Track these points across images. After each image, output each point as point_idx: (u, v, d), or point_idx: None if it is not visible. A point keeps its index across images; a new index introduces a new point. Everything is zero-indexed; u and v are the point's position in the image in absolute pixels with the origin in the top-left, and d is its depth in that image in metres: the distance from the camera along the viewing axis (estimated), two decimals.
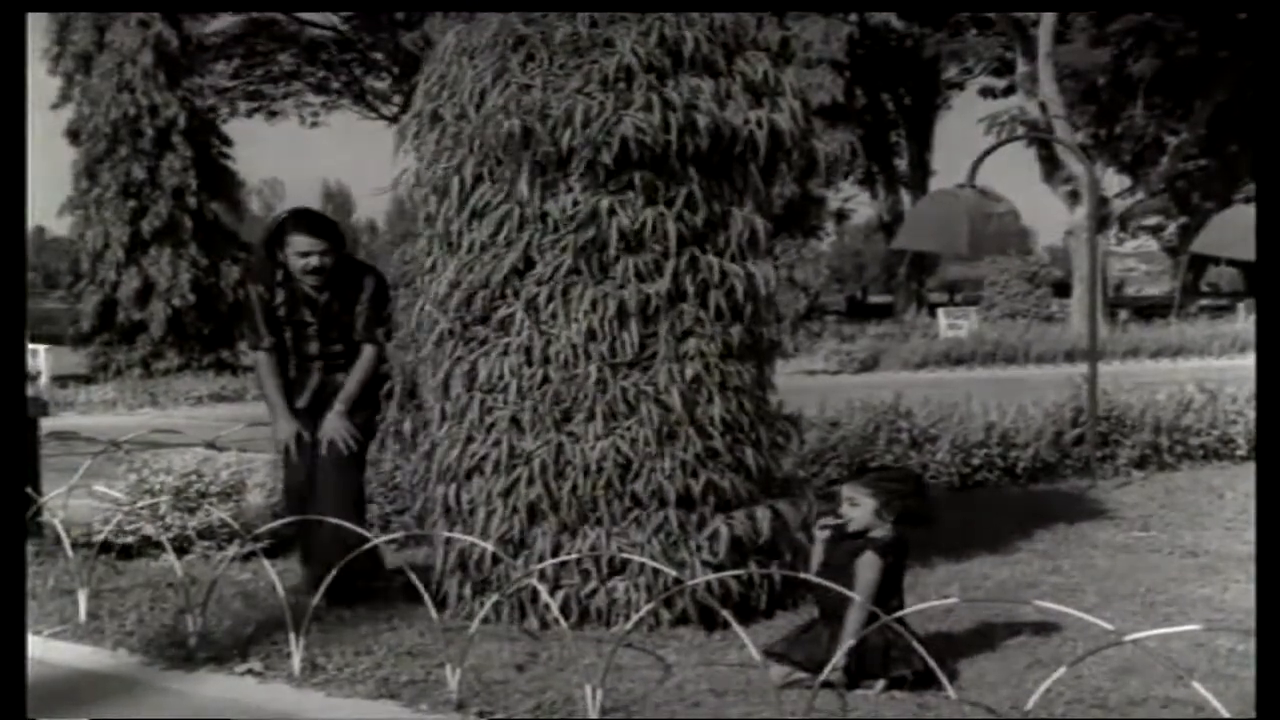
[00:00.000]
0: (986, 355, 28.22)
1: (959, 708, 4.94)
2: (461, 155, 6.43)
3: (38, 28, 28.47)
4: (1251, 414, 11.57)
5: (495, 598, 6.05)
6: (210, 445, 9.18)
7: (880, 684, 5.24)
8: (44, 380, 24.64)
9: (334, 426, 7.03)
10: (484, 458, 6.36)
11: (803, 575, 5.40)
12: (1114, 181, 43.17)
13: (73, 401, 21.93)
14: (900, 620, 4.91)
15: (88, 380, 25.82)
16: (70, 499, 7.91)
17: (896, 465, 6.81)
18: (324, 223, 7.27)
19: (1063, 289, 40.98)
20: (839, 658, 4.97)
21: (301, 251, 7.03)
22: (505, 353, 6.34)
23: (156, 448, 8.99)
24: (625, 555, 6.09)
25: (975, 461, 10.44)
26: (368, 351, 7.14)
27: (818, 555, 5.60)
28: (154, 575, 7.55)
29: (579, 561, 6.20)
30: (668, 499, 6.21)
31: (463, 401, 6.44)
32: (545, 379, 6.27)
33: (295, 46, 50.24)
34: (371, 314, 7.17)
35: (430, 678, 5.50)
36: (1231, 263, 43.88)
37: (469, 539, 6.26)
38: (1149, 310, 42.90)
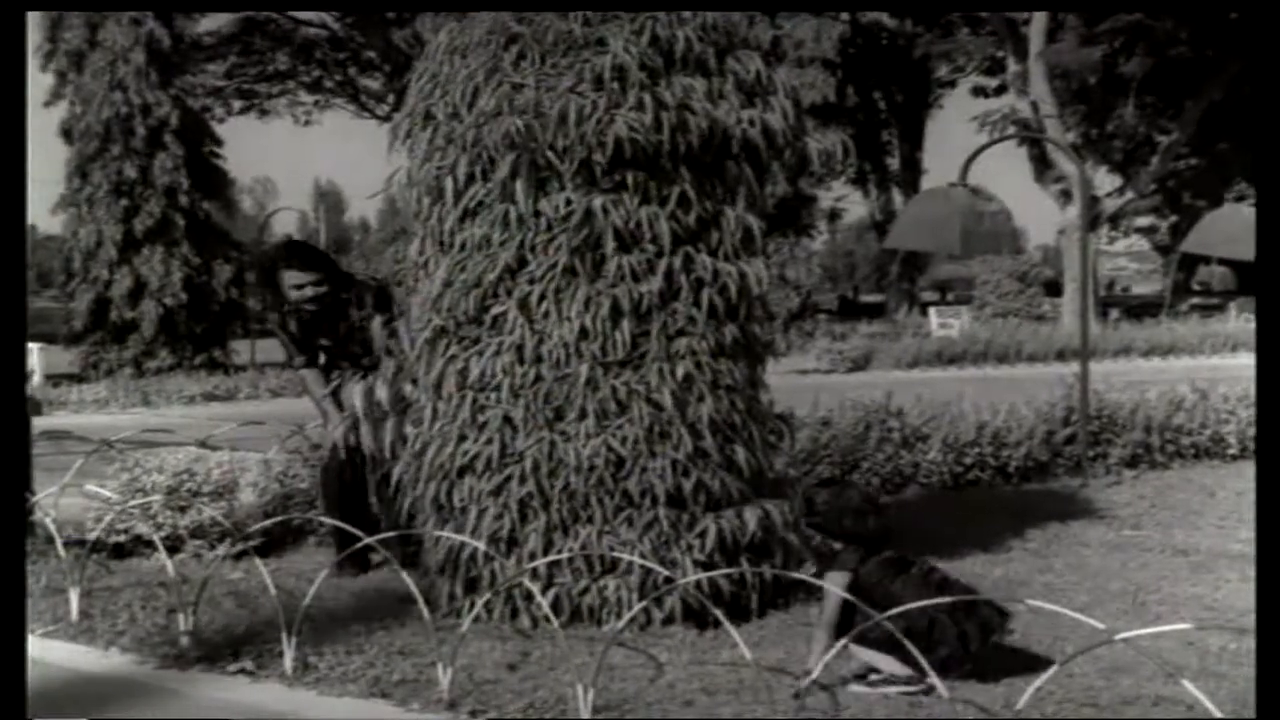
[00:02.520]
0: (978, 354, 28.22)
1: (951, 706, 4.95)
2: (454, 154, 6.43)
3: (31, 25, 28.42)
4: (1243, 413, 11.60)
5: (487, 596, 6.05)
6: (202, 444, 9.18)
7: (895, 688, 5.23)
8: (36, 379, 24.63)
9: (364, 438, 7.45)
10: (476, 456, 6.36)
11: (796, 575, 5.41)
12: (1105, 181, 43.20)
13: (65, 400, 21.88)
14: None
15: (80, 379, 25.78)
16: (62, 498, 7.91)
17: (837, 480, 6.55)
18: (313, 254, 7.89)
19: (1054, 288, 41.02)
20: (818, 660, 5.00)
21: (295, 284, 7.65)
22: (498, 351, 6.35)
23: (148, 447, 8.98)
24: (616, 554, 6.10)
25: (967, 461, 10.45)
26: (384, 364, 7.48)
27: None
28: (146, 574, 7.55)
29: (570, 560, 6.20)
30: (659, 498, 6.21)
31: (455, 400, 6.44)
32: (537, 378, 6.28)
33: (289, 45, 50.18)
34: (374, 330, 7.61)
35: (422, 677, 5.50)
36: (1223, 261, 43.94)
37: (460, 537, 6.26)
38: (1140, 309, 42.96)
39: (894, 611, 4.83)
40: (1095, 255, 44.11)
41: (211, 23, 44.58)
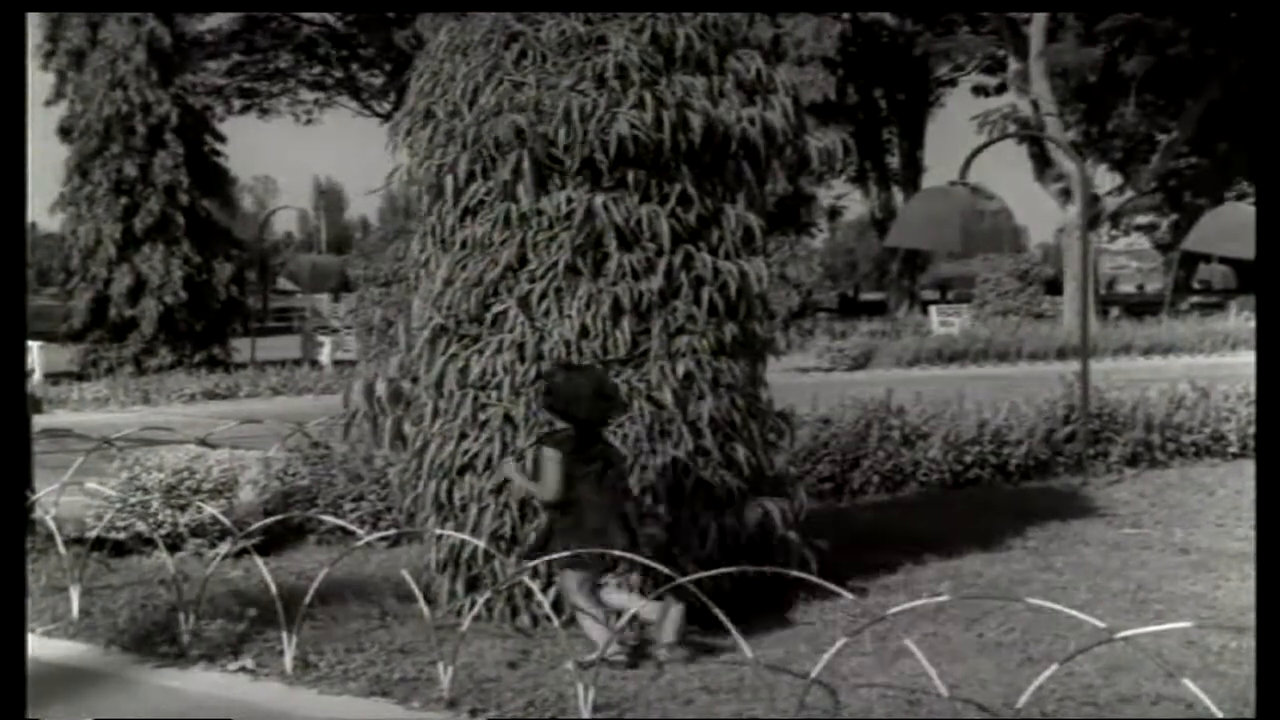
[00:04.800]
0: (979, 353, 28.18)
1: (951, 705, 4.95)
2: (455, 152, 6.43)
3: (31, 24, 28.39)
4: (1243, 411, 11.61)
5: (487, 594, 6.05)
6: (202, 442, 9.19)
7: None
8: (36, 377, 24.60)
9: None
10: (477, 454, 6.36)
11: (796, 573, 5.40)
12: (1105, 179, 43.18)
13: (65, 399, 21.84)
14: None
15: (80, 377, 25.75)
16: (62, 496, 7.91)
17: (576, 365, 6.38)
18: None
19: (1054, 286, 40.99)
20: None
21: None
22: (499, 349, 6.35)
23: (148, 445, 8.99)
24: (617, 553, 6.08)
25: (968, 459, 10.45)
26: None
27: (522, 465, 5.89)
28: (146, 572, 7.55)
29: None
30: (660, 495, 6.21)
31: (456, 398, 6.44)
32: (539, 375, 6.27)
33: (290, 43, 50.16)
34: None
35: (422, 675, 5.50)
36: (1223, 260, 43.92)
37: (461, 536, 6.26)
38: (1140, 307, 42.95)
39: (902, 609, 4.83)
40: (1095, 254, 44.09)
41: (213, 21, 44.59)
